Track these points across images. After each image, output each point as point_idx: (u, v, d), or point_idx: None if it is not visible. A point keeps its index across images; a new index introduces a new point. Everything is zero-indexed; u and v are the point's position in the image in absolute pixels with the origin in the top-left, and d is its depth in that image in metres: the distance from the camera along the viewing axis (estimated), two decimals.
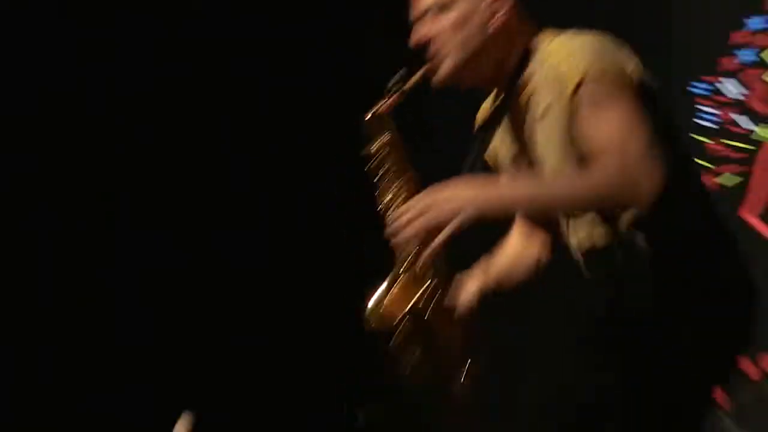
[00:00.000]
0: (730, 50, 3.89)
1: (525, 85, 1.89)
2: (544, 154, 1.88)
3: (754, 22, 3.85)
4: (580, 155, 1.81)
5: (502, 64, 1.93)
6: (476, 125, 2.08)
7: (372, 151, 1.93)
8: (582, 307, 2.08)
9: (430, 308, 1.85)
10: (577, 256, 1.96)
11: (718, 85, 3.93)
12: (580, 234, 1.92)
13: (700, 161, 3.86)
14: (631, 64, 1.86)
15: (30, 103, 4.15)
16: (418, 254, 1.78)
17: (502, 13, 1.91)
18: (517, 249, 2.17)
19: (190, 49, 4.48)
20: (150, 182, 4.35)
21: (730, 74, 3.90)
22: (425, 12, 1.91)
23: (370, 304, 1.86)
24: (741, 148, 3.90)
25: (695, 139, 3.94)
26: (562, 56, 1.84)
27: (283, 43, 4.63)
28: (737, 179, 3.87)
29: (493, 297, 2.07)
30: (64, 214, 4.19)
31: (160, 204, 4.33)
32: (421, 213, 1.71)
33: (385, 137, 1.91)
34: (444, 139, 3.63)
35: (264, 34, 4.57)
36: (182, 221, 4.38)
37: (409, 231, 1.72)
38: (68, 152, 4.22)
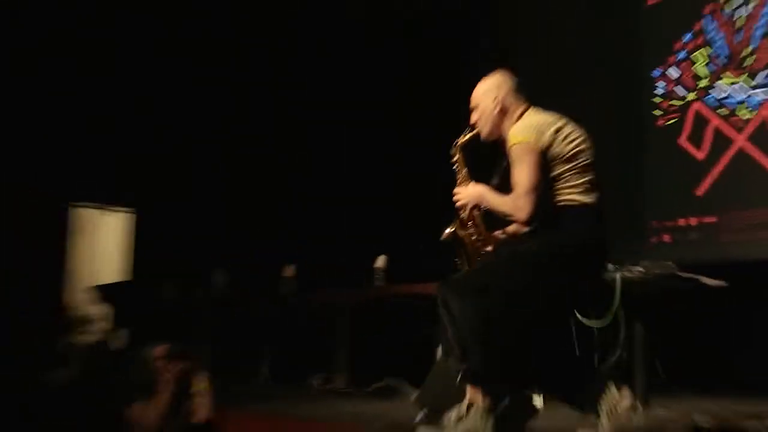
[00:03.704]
0: (672, 51, 6.84)
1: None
2: None
3: (686, 36, 6.76)
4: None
5: (505, 129, 3.25)
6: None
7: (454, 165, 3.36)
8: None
9: (466, 234, 3.31)
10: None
11: (667, 70, 6.89)
12: None
13: (656, 112, 6.87)
14: (535, 137, 3.06)
15: None
16: (462, 213, 3.32)
17: (499, 107, 3.25)
18: None
19: None
20: None
21: (673, 65, 6.85)
22: (472, 109, 3.35)
23: (445, 232, 3.34)
24: (679, 105, 6.81)
25: (653, 101, 6.91)
26: (513, 129, 3.16)
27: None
28: (675, 121, 6.80)
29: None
30: None
31: None
32: (459, 195, 3.28)
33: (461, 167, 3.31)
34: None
35: None
36: None
37: (458, 203, 3.30)
38: None
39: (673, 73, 6.84)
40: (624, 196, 6.99)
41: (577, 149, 3.14)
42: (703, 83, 6.63)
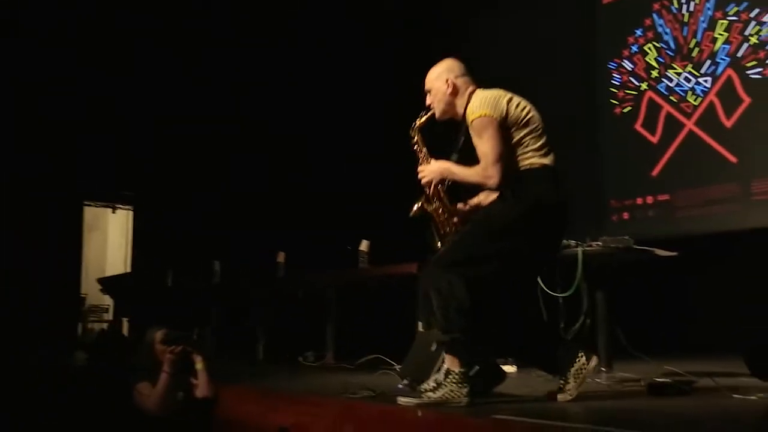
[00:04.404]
0: (626, 45, 6.83)
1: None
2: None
3: (638, 31, 6.76)
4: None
5: (458, 108, 3.26)
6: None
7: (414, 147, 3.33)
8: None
9: (433, 209, 3.28)
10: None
11: (622, 63, 6.89)
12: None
13: (613, 101, 6.88)
14: (494, 109, 3.08)
15: None
16: (427, 190, 3.28)
17: (451, 89, 3.24)
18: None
19: None
20: None
21: (627, 57, 6.85)
22: (426, 92, 3.34)
23: (413, 209, 3.29)
24: (633, 94, 6.82)
25: (611, 91, 6.91)
26: (471, 104, 3.15)
27: None
28: (630, 109, 6.81)
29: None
30: None
31: None
32: (423, 173, 3.23)
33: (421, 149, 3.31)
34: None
35: None
36: None
37: (423, 180, 3.24)
38: None
39: (628, 64, 6.84)
40: (586, 179, 7.03)
41: (529, 115, 3.15)
42: (654, 73, 6.64)
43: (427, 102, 3.32)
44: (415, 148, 3.34)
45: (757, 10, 5.96)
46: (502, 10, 7.79)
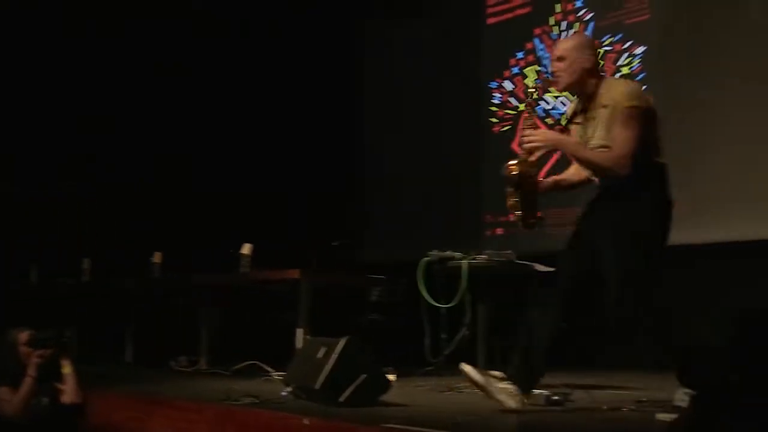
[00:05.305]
0: (508, 66, 7.06)
1: (597, 98, 3.08)
2: (593, 135, 3.07)
3: (519, 54, 6.99)
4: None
5: (587, 85, 3.12)
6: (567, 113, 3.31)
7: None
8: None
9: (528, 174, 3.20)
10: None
11: (503, 83, 7.11)
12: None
13: (493, 119, 7.08)
14: (644, 101, 3.01)
15: None
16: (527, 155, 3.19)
17: (590, 63, 3.11)
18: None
19: None
20: None
21: (509, 78, 7.07)
22: (557, 58, 3.16)
23: (511, 167, 3.18)
24: (512, 114, 7.04)
25: (491, 110, 7.11)
26: (620, 88, 3.07)
27: None
28: (509, 128, 7.03)
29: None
30: None
31: None
32: (533, 136, 3.14)
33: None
34: None
35: None
36: None
37: (531, 143, 3.13)
38: None
39: (508, 85, 7.05)
40: (464, 194, 7.21)
41: (655, 109, 3.13)
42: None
43: (554, 69, 3.18)
44: (526, 110, 3.26)
45: (630, 42, 6.29)
46: (393, 21, 7.90)
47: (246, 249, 5.00)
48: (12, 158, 6.85)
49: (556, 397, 3.34)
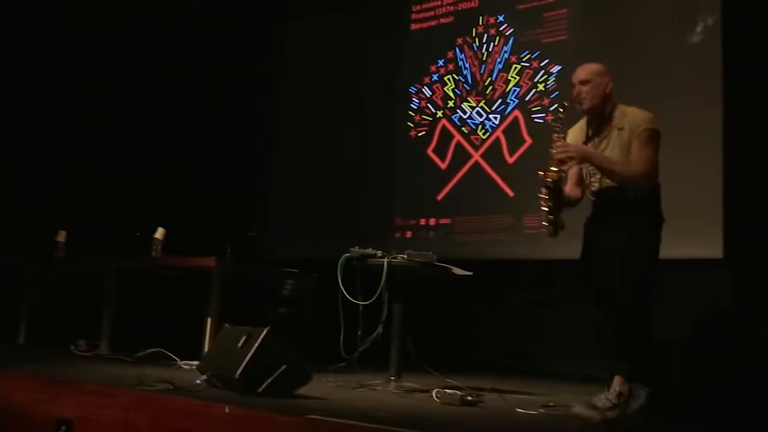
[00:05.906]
0: (429, 73, 7.16)
1: (611, 121, 3.49)
2: (610, 153, 3.46)
3: (440, 61, 7.11)
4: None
5: (605, 108, 3.51)
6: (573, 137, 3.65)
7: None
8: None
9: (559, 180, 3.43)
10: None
11: (422, 89, 7.21)
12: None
13: (410, 124, 7.17)
14: (659, 126, 3.42)
15: None
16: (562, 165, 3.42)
17: (609, 89, 3.50)
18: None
19: None
20: None
21: (428, 84, 7.18)
22: (582, 81, 3.51)
23: (551, 172, 3.41)
24: (429, 120, 7.15)
25: (409, 113, 7.20)
26: (638, 114, 3.45)
27: None
28: (425, 134, 7.13)
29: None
30: None
31: None
32: (569, 148, 3.39)
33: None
34: None
35: None
36: None
37: (566, 153, 3.37)
38: None
39: (427, 91, 7.16)
40: (376, 195, 7.26)
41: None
42: (450, 104, 7.00)
43: (577, 92, 3.51)
44: (557, 126, 3.49)
45: (546, 60, 6.51)
46: (313, 23, 7.89)
47: (159, 233, 4.86)
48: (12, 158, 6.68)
49: (470, 398, 3.43)
